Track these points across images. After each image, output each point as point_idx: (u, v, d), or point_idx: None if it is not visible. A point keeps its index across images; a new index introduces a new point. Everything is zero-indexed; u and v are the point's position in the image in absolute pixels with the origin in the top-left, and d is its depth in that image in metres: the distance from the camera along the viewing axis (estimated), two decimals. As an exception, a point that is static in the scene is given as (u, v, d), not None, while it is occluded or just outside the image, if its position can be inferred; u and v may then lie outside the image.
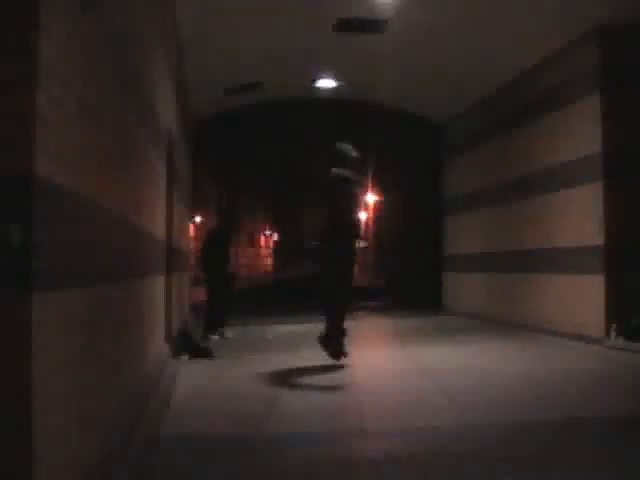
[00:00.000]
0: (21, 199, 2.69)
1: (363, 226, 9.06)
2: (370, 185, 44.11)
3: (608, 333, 10.37)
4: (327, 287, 8.99)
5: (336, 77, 15.21)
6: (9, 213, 2.69)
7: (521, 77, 13.51)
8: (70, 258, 3.32)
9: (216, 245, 12.68)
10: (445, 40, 12.30)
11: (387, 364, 9.36)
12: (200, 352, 9.88)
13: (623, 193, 10.68)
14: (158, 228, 7.90)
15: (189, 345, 10.01)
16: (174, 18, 9.95)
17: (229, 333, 12.32)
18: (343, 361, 8.93)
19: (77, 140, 3.44)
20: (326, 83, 15.51)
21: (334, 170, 8.90)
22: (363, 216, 57.30)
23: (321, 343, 8.93)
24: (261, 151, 21.89)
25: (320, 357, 9.23)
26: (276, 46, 12.70)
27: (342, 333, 8.96)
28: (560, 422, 5.75)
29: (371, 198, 43.60)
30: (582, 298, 11.12)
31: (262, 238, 79.39)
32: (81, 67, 3.51)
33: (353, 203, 8.88)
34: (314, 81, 15.31)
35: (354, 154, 9.08)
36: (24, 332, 2.68)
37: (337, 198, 8.80)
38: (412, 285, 19.50)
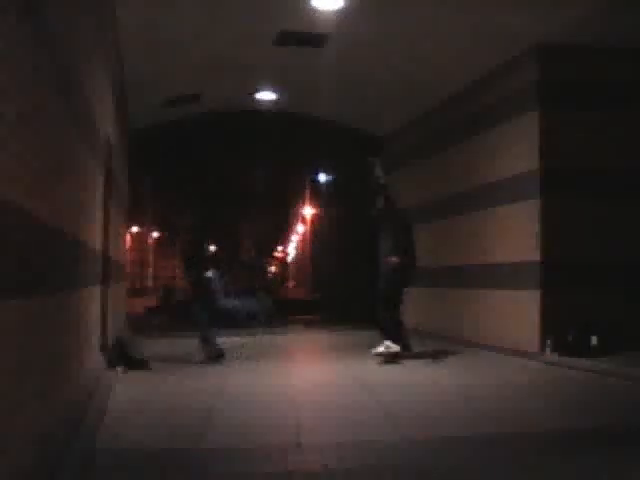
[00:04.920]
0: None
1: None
2: (308, 198, 44.31)
3: (543, 348, 10.52)
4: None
5: (276, 90, 15.22)
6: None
7: (460, 93, 13.67)
8: (2, 269, 3.25)
9: None
10: (384, 55, 12.41)
11: (324, 379, 9.35)
12: (136, 364, 9.76)
13: (560, 210, 10.85)
14: (95, 239, 7.81)
15: (125, 356, 9.87)
16: (115, 29, 9.86)
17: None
18: (280, 377, 8.96)
19: (12, 148, 3.38)
20: (266, 96, 15.51)
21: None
22: (301, 229, 57.21)
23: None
24: (199, 164, 21.75)
25: (258, 369, 9.16)
26: (216, 58, 12.66)
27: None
28: (489, 437, 5.82)
29: (308, 212, 43.72)
30: (519, 313, 11.26)
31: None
32: (17, 75, 3.45)
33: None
34: (254, 93, 15.29)
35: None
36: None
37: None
38: (348, 300, 19.45)
